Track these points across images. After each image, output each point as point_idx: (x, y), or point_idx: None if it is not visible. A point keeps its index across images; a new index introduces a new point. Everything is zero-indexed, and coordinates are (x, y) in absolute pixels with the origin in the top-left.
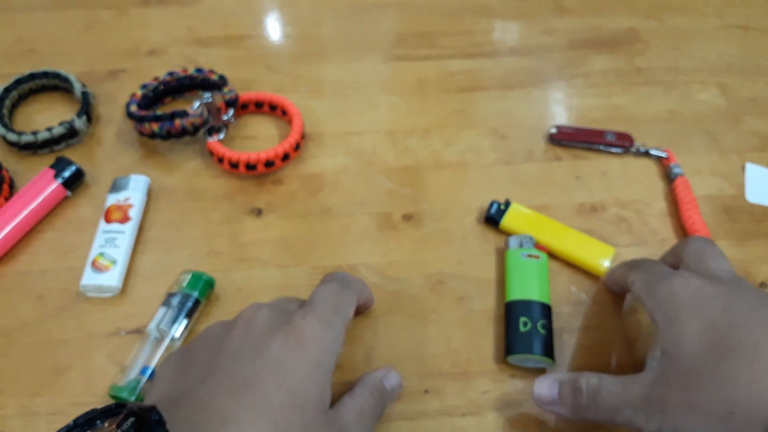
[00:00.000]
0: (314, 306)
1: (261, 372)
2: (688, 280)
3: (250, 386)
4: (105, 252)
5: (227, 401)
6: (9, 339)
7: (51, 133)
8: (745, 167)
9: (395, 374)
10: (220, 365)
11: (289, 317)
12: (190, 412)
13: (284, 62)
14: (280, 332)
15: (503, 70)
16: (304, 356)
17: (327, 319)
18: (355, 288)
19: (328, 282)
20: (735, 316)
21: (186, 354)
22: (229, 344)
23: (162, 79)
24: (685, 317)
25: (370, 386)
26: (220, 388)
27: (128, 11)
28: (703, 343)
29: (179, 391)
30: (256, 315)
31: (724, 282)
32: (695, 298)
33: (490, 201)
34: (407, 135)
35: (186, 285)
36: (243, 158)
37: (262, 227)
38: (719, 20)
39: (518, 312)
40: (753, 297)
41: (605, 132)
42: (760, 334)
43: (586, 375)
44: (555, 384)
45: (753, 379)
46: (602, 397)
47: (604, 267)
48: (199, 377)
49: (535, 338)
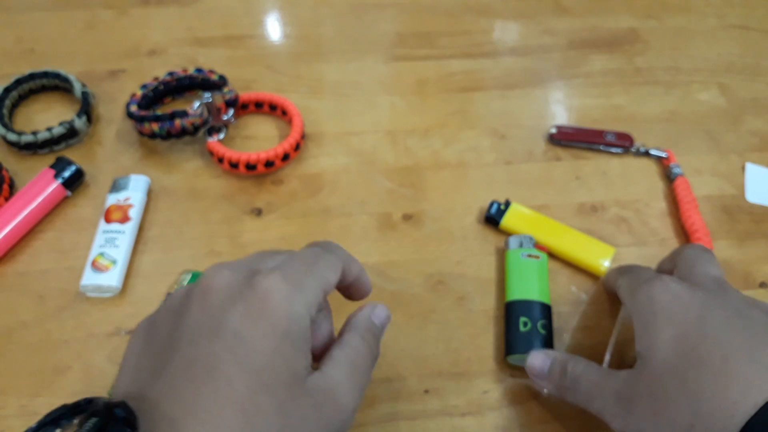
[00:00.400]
0: (285, 265)
1: (220, 352)
2: (667, 284)
3: (210, 370)
4: (105, 252)
5: (187, 390)
6: (9, 339)
7: (51, 133)
8: (745, 167)
9: (382, 307)
10: (177, 346)
11: (251, 281)
12: (152, 406)
13: (284, 62)
14: (240, 301)
15: (503, 70)
16: (268, 327)
17: (297, 280)
18: (340, 255)
19: (309, 245)
20: (708, 327)
21: (150, 330)
22: (187, 319)
23: (162, 79)
24: (660, 323)
25: (360, 329)
26: (179, 376)
27: (128, 11)
28: (674, 351)
29: (142, 380)
30: (214, 280)
31: (706, 289)
32: (672, 304)
33: (490, 201)
34: (407, 135)
35: (186, 285)
36: (243, 158)
37: (262, 227)
38: (719, 20)
39: (518, 312)
40: (731, 307)
41: (605, 132)
42: (729, 347)
43: (576, 359)
44: (548, 360)
45: (717, 393)
46: (581, 384)
47: (604, 267)
48: (158, 362)
49: (536, 338)
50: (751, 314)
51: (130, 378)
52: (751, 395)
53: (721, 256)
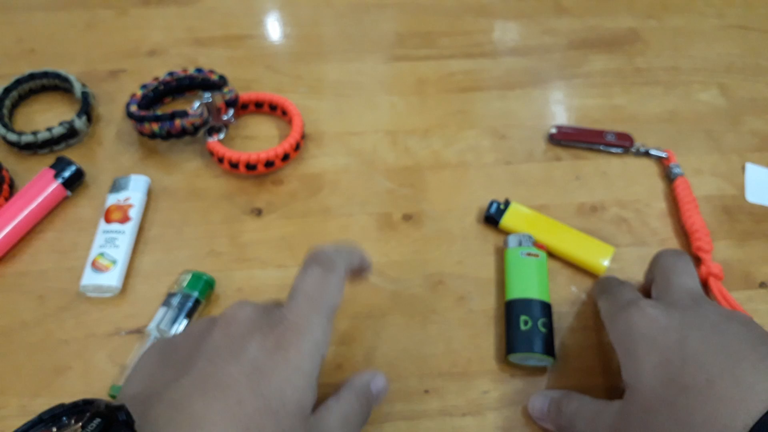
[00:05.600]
0: (293, 305)
1: (236, 374)
2: (644, 310)
3: (224, 389)
4: (105, 252)
5: (199, 403)
6: (9, 339)
7: (51, 133)
8: (745, 167)
9: (381, 377)
10: (196, 363)
11: (270, 317)
12: (160, 412)
13: (284, 62)
14: (259, 333)
15: (503, 70)
16: (282, 360)
17: (306, 320)
18: (341, 265)
19: (309, 267)
20: (688, 350)
21: (167, 348)
22: (209, 342)
23: (162, 79)
24: (642, 351)
25: (356, 390)
26: (193, 389)
27: (128, 11)
28: (659, 378)
29: (153, 388)
30: (239, 313)
31: (682, 308)
32: (651, 330)
33: (489, 200)
34: (407, 135)
35: (186, 285)
36: (243, 158)
37: (262, 227)
38: (719, 20)
39: (518, 310)
40: (708, 324)
41: (605, 132)
42: (712, 369)
43: (569, 397)
44: (546, 400)
45: (708, 419)
46: (577, 422)
47: (604, 266)
48: (174, 374)
49: (536, 337)
50: (729, 329)
51: (141, 384)
52: (740, 418)
53: (721, 256)
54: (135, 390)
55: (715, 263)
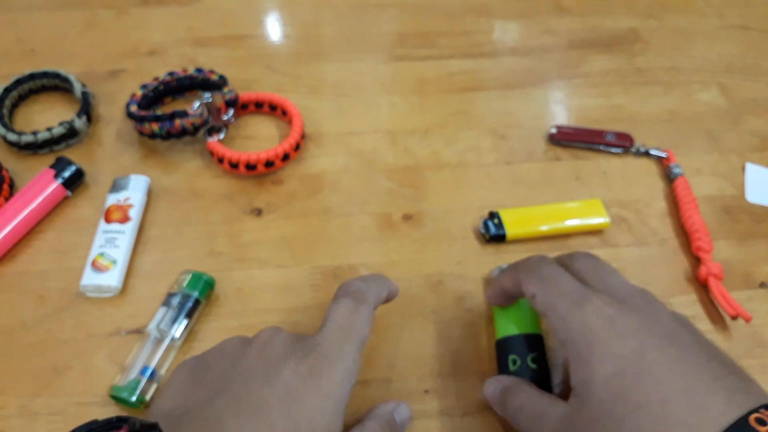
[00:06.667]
0: (326, 334)
1: (269, 397)
2: (601, 309)
3: (257, 411)
4: (105, 252)
5: (232, 423)
6: (9, 339)
7: (51, 133)
8: (745, 167)
9: (405, 407)
10: (230, 384)
11: (304, 344)
12: (193, 430)
13: (284, 62)
14: (293, 359)
15: (503, 70)
16: (313, 387)
17: (338, 349)
18: (372, 298)
19: (341, 299)
20: (644, 362)
21: (199, 366)
22: (243, 364)
23: (162, 79)
24: (596, 360)
25: (380, 420)
26: (226, 409)
27: (128, 11)
28: (610, 392)
29: (186, 406)
30: (274, 337)
31: (637, 310)
32: (608, 333)
33: (482, 221)
34: (407, 135)
35: (186, 285)
36: (243, 158)
37: (262, 227)
38: (719, 20)
39: (506, 350)
40: (663, 330)
41: (605, 132)
42: (667, 388)
43: (518, 388)
44: (499, 387)
45: None
46: (521, 419)
47: (607, 222)
48: (208, 394)
49: (525, 375)
50: (681, 336)
51: (173, 401)
52: None
53: (721, 256)
54: (167, 406)
55: (715, 263)
